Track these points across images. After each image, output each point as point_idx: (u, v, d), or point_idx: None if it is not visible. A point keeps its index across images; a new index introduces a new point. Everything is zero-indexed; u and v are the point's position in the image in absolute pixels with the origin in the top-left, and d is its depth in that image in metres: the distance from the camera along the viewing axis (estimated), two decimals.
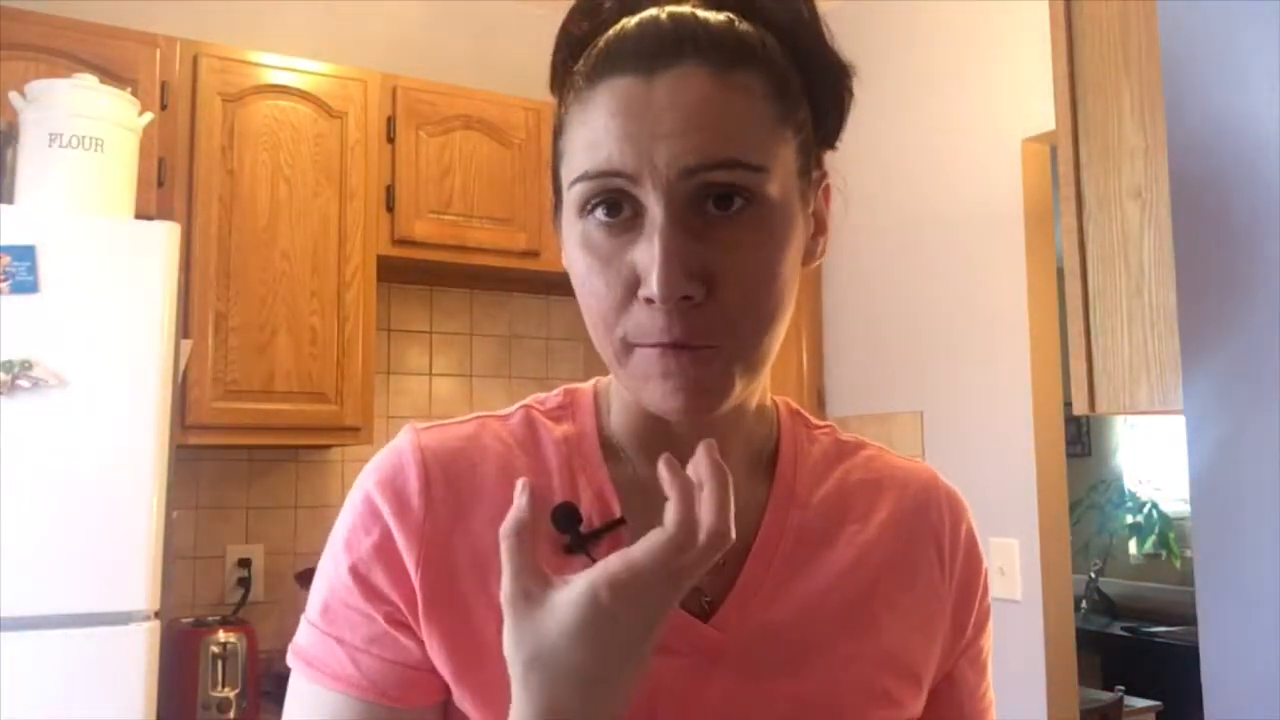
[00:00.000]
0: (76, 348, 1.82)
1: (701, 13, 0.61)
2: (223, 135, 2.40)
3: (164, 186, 2.31)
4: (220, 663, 2.26)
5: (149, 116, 2.13)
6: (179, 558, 2.50)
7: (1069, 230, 1.22)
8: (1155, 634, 4.46)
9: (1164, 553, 5.11)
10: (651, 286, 0.57)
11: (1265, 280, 0.54)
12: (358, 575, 0.65)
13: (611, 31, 0.62)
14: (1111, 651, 4.44)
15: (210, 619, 2.41)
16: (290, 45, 2.67)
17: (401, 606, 0.64)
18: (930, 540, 0.73)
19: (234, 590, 2.59)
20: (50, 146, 1.94)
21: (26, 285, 1.79)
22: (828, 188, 0.69)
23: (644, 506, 0.65)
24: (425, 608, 0.63)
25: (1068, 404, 1.81)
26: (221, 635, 2.28)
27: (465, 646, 0.63)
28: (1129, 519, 5.33)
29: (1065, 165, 1.23)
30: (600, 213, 0.60)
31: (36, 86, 2.00)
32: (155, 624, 1.83)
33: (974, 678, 0.75)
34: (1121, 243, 1.16)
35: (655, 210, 0.58)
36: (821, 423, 0.77)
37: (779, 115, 0.61)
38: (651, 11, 0.61)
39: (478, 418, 0.71)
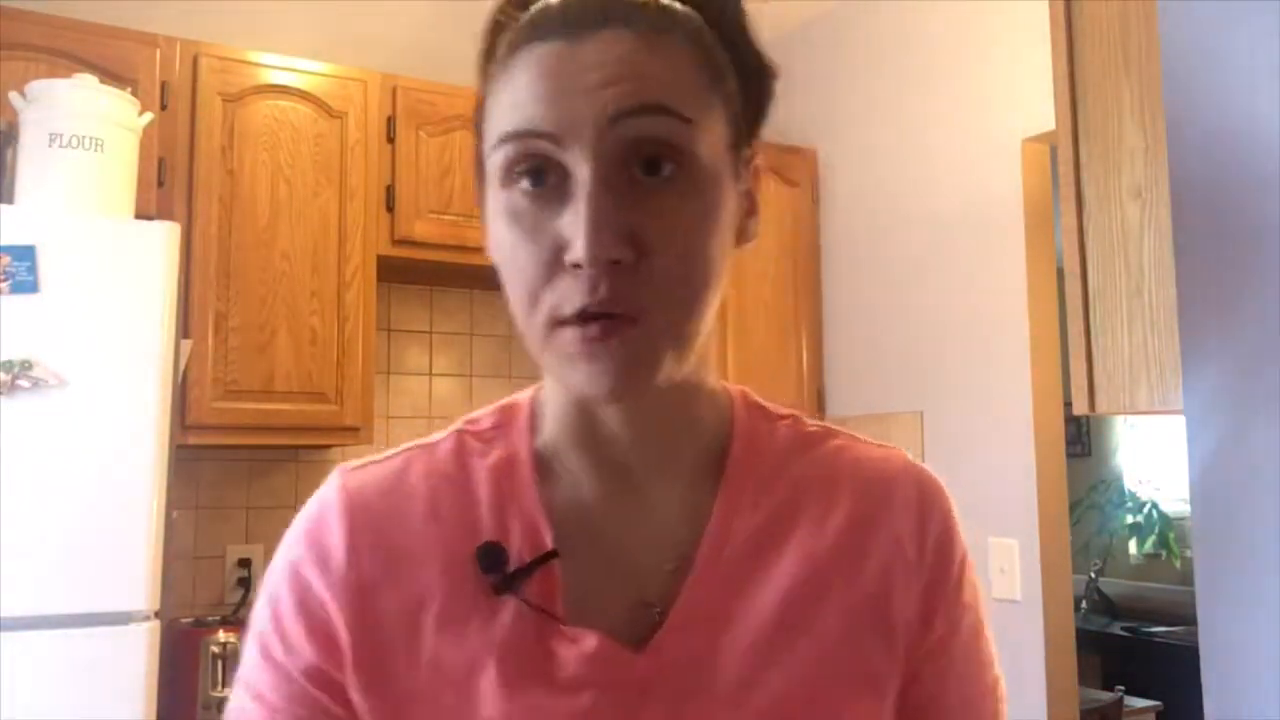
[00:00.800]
0: (76, 348, 1.82)
1: None
2: (223, 135, 2.40)
3: (164, 186, 2.31)
4: (220, 663, 2.26)
5: (149, 116, 2.13)
6: (179, 558, 2.50)
7: (1069, 230, 1.22)
8: (1155, 634, 4.46)
9: (1164, 553, 5.11)
10: (578, 250, 0.54)
11: (1265, 280, 0.54)
12: (281, 631, 0.63)
13: (535, 7, 0.60)
14: (1111, 651, 4.44)
15: (210, 619, 2.41)
16: (290, 45, 2.67)
17: (325, 666, 0.62)
18: (891, 535, 0.67)
19: (234, 590, 2.59)
20: (50, 146, 1.94)
21: (26, 285, 1.79)
22: (758, 169, 0.67)
23: (580, 530, 0.64)
24: (354, 665, 0.61)
25: (1068, 404, 1.81)
26: (221, 635, 2.28)
27: (393, 703, 0.60)
28: (1129, 519, 5.33)
29: (1065, 165, 1.23)
30: (525, 182, 0.57)
31: (36, 86, 2.00)
32: (155, 624, 1.83)
33: (943, 679, 0.68)
34: (1121, 243, 1.16)
35: (581, 172, 0.55)
36: (785, 411, 0.73)
37: (706, 82, 0.59)
38: None
39: (406, 450, 0.68)
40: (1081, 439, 5.42)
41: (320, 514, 0.65)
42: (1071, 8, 1.23)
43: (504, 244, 0.59)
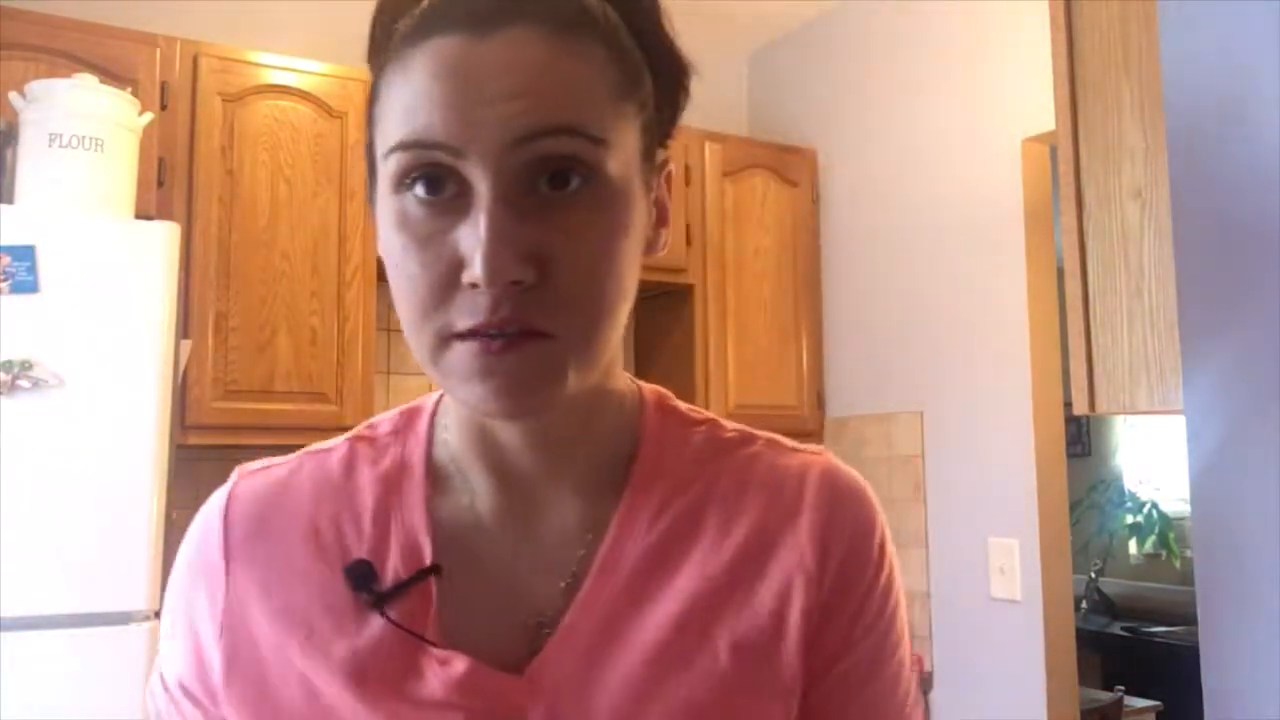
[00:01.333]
0: (76, 348, 1.82)
1: None
2: (223, 135, 2.40)
3: (164, 186, 2.31)
4: None
5: (149, 116, 2.13)
6: None
7: (1069, 230, 1.22)
8: (1155, 634, 4.46)
9: (1164, 553, 5.11)
10: (476, 270, 0.50)
11: (1265, 280, 0.54)
12: (170, 629, 0.65)
13: None
14: (1111, 651, 4.44)
15: None
16: (290, 45, 2.67)
17: (197, 678, 0.62)
18: (795, 548, 0.62)
19: None
20: (50, 146, 1.94)
21: (26, 285, 1.79)
22: (670, 175, 0.63)
23: (469, 545, 0.61)
24: (224, 674, 0.60)
25: (1068, 404, 1.81)
26: None
27: (263, 713, 0.59)
28: (1129, 519, 5.33)
29: (1065, 165, 1.23)
30: (420, 189, 0.53)
31: (36, 86, 2.00)
32: (155, 624, 1.83)
33: (843, 704, 0.62)
34: (1121, 243, 1.16)
35: (481, 186, 0.51)
36: (702, 416, 0.68)
37: (621, 88, 0.56)
38: None
39: (302, 455, 0.68)
40: (1081, 439, 5.42)
41: (207, 520, 0.65)
42: (1071, 8, 1.23)
43: (394, 251, 0.55)
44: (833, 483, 0.64)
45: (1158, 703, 3.55)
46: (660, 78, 0.60)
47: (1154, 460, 5.20)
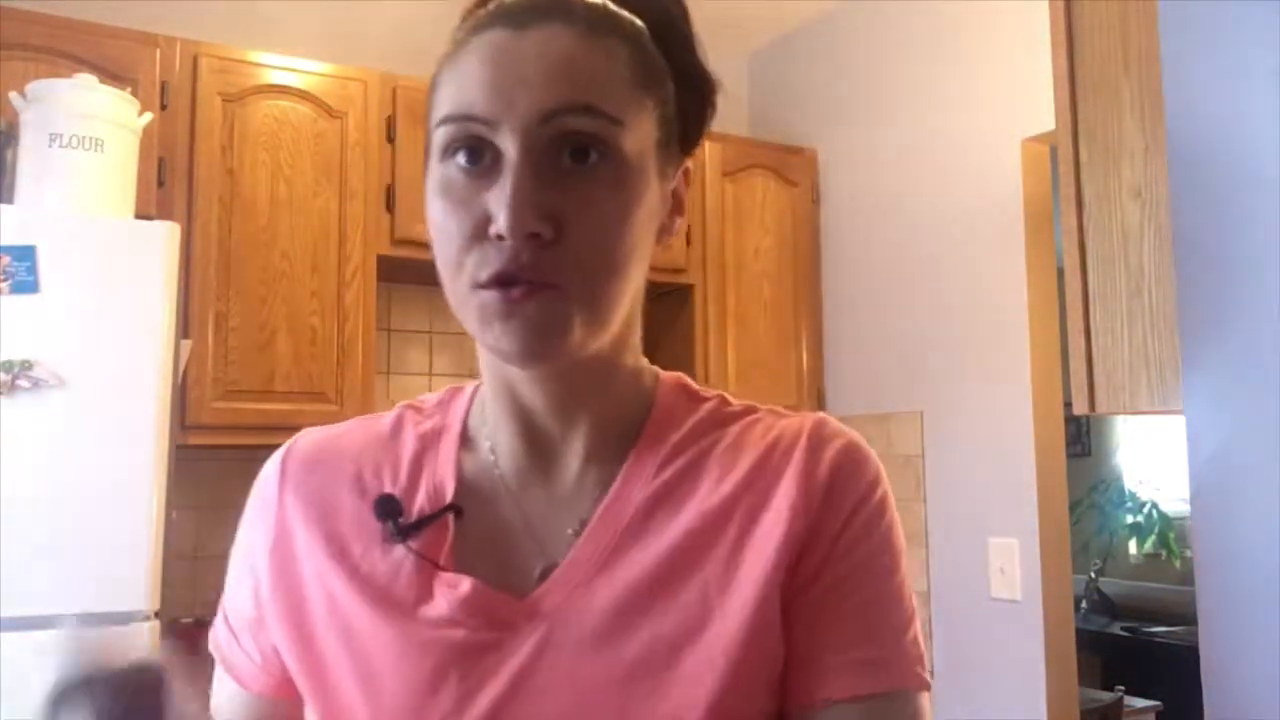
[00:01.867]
0: (76, 348, 1.82)
1: None
2: (223, 135, 2.40)
3: (164, 186, 2.31)
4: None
5: (149, 116, 2.13)
6: (179, 558, 2.50)
7: (1069, 230, 1.22)
8: (1155, 634, 4.46)
9: (1164, 553, 5.11)
10: (500, 221, 0.58)
11: (1265, 280, 0.54)
12: (234, 564, 0.76)
13: (492, 3, 0.65)
14: (1111, 651, 4.44)
15: (210, 619, 2.40)
16: (290, 45, 2.67)
17: (251, 597, 0.72)
18: (783, 488, 0.65)
19: None
20: (50, 146, 1.94)
21: (26, 285, 1.79)
22: (688, 171, 0.71)
23: (489, 494, 0.69)
24: (270, 589, 0.70)
25: (1068, 404, 1.81)
26: None
27: (304, 634, 0.68)
28: (1129, 519, 5.33)
29: (1065, 165, 1.23)
30: (461, 158, 0.62)
31: (36, 86, 2.00)
32: (155, 624, 1.83)
33: (840, 605, 0.64)
34: (1121, 243, 1.16)
35: (511, 153, 0.60)
36: (712, 394, 0.74)
37: (640, 81, 0.64)
38: None
39: (357, 419, 0.77)
40: (1081, 439, 5.42)
41: (267, 467, 0.75)
42: (1071, 8, 1.23)
43: (436, 214, 0.63)
44: (823, 428, 0.69)
45: (1158, 703, 3.55)
46: (687, 90, 0.68)
47: (1154, 460, 5.20)
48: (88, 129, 1.96)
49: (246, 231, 2.40)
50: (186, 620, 2.40)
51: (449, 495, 0.69)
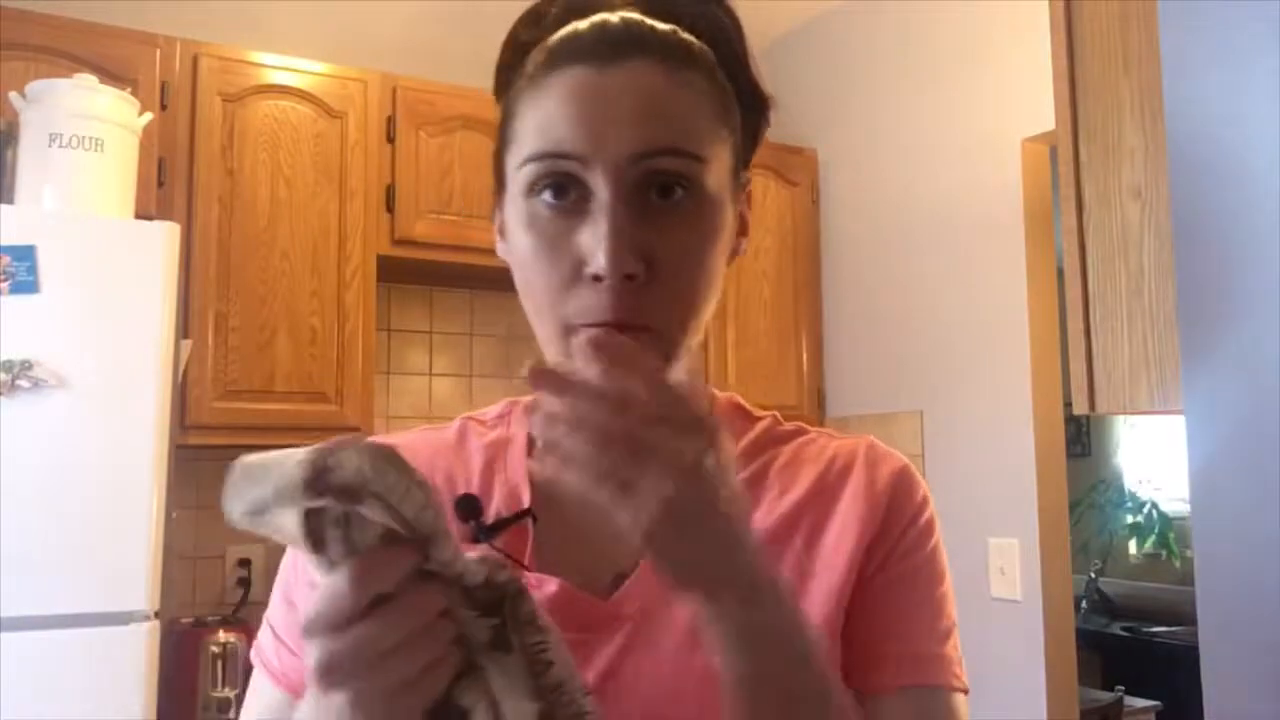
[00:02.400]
0: (76, 348, 1.82)
1: (648, 20, 0.65)
2: (223, 135, 2.40)
3: (164, 186, 2.31)
4: (220, 663, 2.26)
5: (149, 116, 2.13)
6: (179, 558, 2.50)
7: (1069, 230, 1.22)
8: (1155, 634, 4.46)
9: (1164, 553, 5.11)
10: (600, 262, 0.59)
11: (1265, 280, 0.54)
12: (293, 568, 0.73)
13: (563, 31, 0.65)
14: (1111, 651, 4.44)
15: (210, 619, 2.41)
16: (290, 45, 2.67)
17: None
18: (847, 499, 0.71)
19: (234, 590, 2.59)
20: (50, 146, 1.94)
21: (26, 285, 1.79)
22: (750, 191, 0.73)
23: (559, 500, 0.68)
24: None
25: (1068, 404, 1.81)
26: (221, 635, 2.28)
27: None
28: (1129, 519, 5.33)
29: (1065, 165, 1.23)
30: (548, 194, 0.62)
31: (36, 86, 2.00)
32: (155, 624, 1.83)
33: (888, 601, 0.69)
34: (1121, 243, 1.16)
35: (603, 192, 0.60)
36: (764, 412, 0.78)
37: (718, 114, 0.66)
38: (602, 15, 0.65)
39: (421, 429, 0.78)
40: (1081, 439, 5.42)
41: None
42: (1071, 8, 1.23)
43: (524, 250, 0.63)
44: (876, 449, 0.75)
45: (1158, 703, 3.55)
46: (745, 108, 0.70)
47: (1154, 460, 5.20)
48: (88, 129, 1.96)
49: (246, 231, 2.40)
50: (186, 620, 2.40)
51: (525, 500, 0.70)
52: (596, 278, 0.60)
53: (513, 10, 0.70)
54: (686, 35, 0.65)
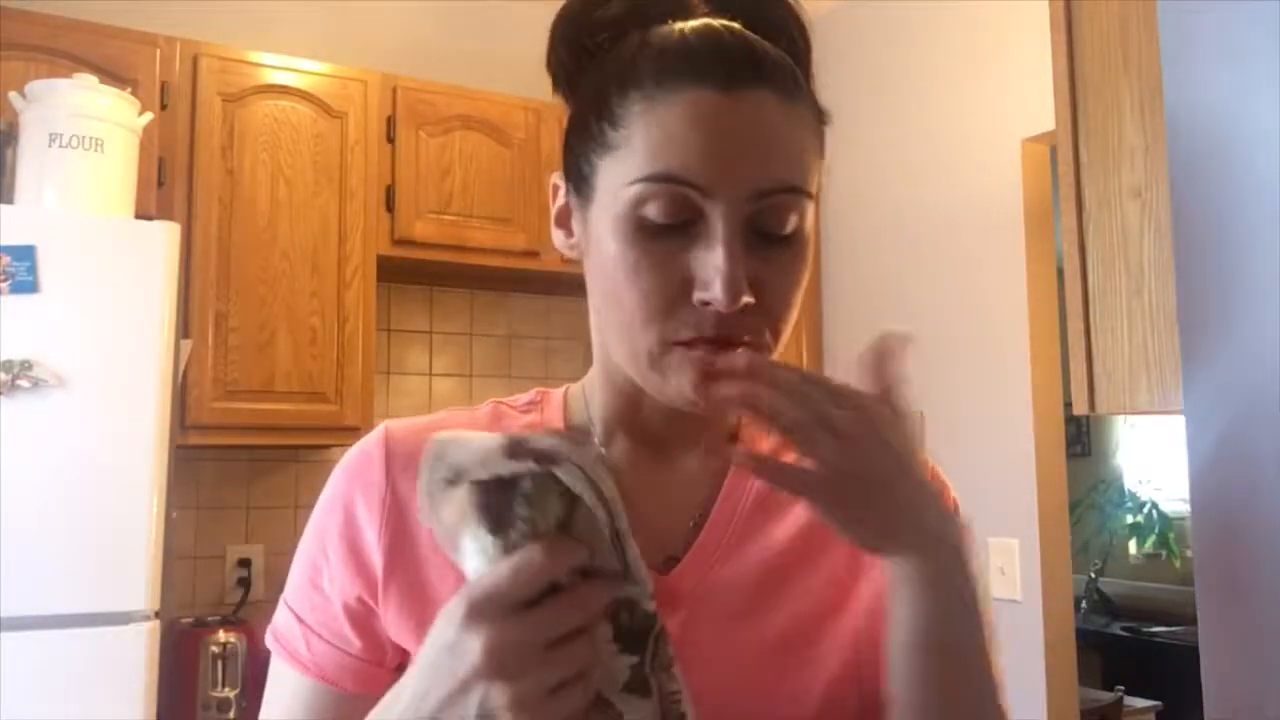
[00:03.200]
0: (76, 348, 1.82)
1: (750, 35, 0.64)
2: (223, 135, 2.40)
3: (164, 186, 2.31)
4: (220, 663, 2.26)
5: (149, 116, 2.13)
6: (179, 558, 2.50)
7: (1069, 230, 1.22)
8: (1155, 634, 4.46)
9: (1164, 553, 5.11)
10: (716, 292, 0.60)
11: (1265, 280, 0.54)
12: (327, 561, 0.71)
13: (670, 36, 0.63)
14: (1111, 651, 4.44)
15: (210, 619, 2.41)
16: (290, 45, 2.67)
17: (363, 595, 0.69)
18: None
19: (234, 590, 2.59)
20: (50, 146, 1.94)
21: (26, 285, 1.79)
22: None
23: None
24: (385, 575, 0.68)
25: (1068, 404, 1.81)
26: (221, 635, 2.28)
27: (421, 609, 0.66)
28: (1129, 519, 5.33)
29: (1065, 165, 1.23)
30: (656, 212, 0.62)
31: (36, 86, 2.00)
32: (155, 624, 1.83)
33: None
34: (1121, 243, 1.16)
35: (720, 224, 0.61)
36: None
37: (818, 147, 0.67)
38: (706, 22, 0.64)
39: (447, 410, 0.77)
40: (1081, 439, 5.42)
41: (364, 451, 0.72)
42: (1071, 8, 1.23)
43: (621, 262, 0.63)
44: None
45: (1158, 703, 3.55)
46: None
47: (1154, 460, 5.20)
48: (88, 129, 1.96)
49: (246, 231, 2.40)
50: (186, 620, 2.40)
51: None
52: (706, 303, 0.61)
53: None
54: (784, 57, 0.66)
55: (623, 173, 0.63)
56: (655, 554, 0.67)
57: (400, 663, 0.69)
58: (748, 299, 0.61)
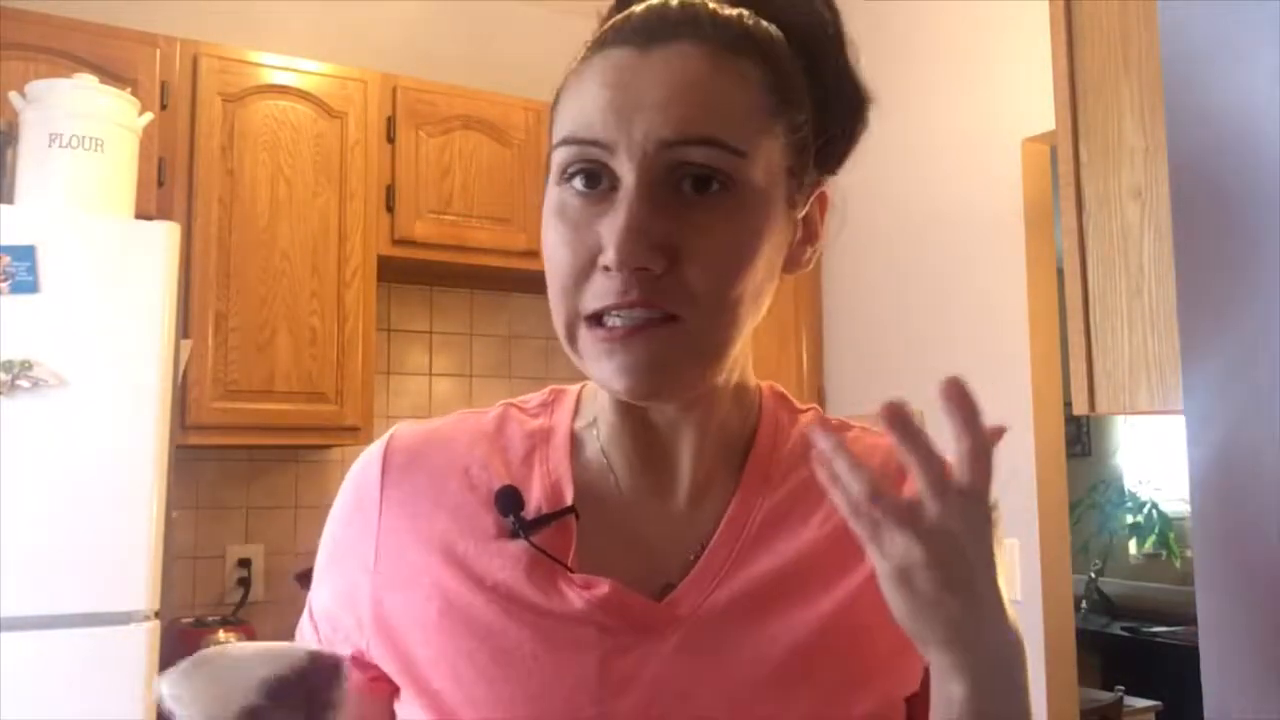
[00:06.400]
0: (76, 348, 1.82)
1: (712, 4, 0.62)
2: (223, 135, 2.40)
3: (164, 186, 2.31)
4: None
5: (149, 116, 2.13)
6: (179, 558, 2.50)
7: (1069, 230, 1.22)
8: (1155, 634, 4.46)
9: (1164, 553, 5.11)
10: (609, 254, 0.57)
11: (1265, 280, 0.54)
12: (328, 565, 0.71)
13: (621, 14, 0.63)
14: (1111, 651, 4.44)
15: (210, 619, 2.41)
16: (290, 45, 2.67)
17: (347, 599, 0.68)
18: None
19: (234, 590, 2.59)
20: (50, 146, 1.94)
21: (26, 285, 1.79)
22: (824, 199, 0.69)
23: (604, 502, 0.68)
24: (372, 594, 0.67)
25: (1068, 404, 1.81)
26: (221, 635, 2.28)
27: (411, 627, 0.65)
28: (1129, 519, 5.33)
29: (1065, 165, 1.23)
30: (578, 182, 0.60)
31: (36, 86, 2.00)
32: (155, 624, 1.83)
33: None
34: (1121, 243, 1.16)
35: (628, 180, 0.58)
36: (805, 406, 0.76)
37: (772, 108, 0.61)
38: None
39: (457, 414, 0.74)
40: (1081, 439, 5.42)
41: (366, 461, 0.71)
42: (1071, 8, 1.23)
43: (550, 238, 0.62)
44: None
45: (1158, 703, 3.55)
46: (835, 106, 0.67)
47: (1154, 460, 5.20)
48: (88, 129, 1.96)
49: (246, 231, 2.40)
50: (186, 620, 2.40)
51: (568, 497, 0.67)
52: (608, 269, 0.58)
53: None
54: (750, 20, 0.62)
55: (554, 143, 0.62)
56: (654, 581, 0.66)
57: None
58: (648, 262, 0.57)
